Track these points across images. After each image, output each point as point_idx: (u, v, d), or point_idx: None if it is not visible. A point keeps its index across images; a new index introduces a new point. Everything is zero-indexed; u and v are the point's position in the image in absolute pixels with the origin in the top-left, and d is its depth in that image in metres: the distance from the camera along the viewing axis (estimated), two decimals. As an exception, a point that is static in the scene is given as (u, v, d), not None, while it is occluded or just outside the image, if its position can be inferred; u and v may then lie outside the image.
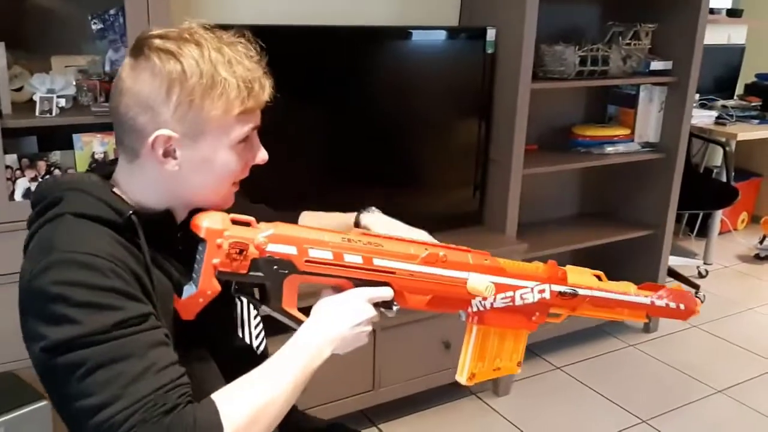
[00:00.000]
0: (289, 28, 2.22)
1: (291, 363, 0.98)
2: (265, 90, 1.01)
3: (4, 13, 1.84)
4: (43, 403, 1.78)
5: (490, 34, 2.50)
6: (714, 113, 3.98)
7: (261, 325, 1.21)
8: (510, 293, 1.16)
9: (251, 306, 1.18)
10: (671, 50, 2.98)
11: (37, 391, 1.81)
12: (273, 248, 1.00)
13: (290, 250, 1.01)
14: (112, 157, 1.94)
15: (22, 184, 1.84)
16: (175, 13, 1.98)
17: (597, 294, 1.25)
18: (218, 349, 1.10)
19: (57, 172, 1.88)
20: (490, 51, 2.53)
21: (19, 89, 1.98)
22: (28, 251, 0.98)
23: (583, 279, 1.26)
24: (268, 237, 1.00)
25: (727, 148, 3.81)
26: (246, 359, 1.03)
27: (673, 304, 1.33)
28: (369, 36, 2.40)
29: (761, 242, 4.26)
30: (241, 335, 1.16)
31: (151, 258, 0.98)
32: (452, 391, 2.64)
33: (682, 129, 3.03)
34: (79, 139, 1.91)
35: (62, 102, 1.90)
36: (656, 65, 2.96)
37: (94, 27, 1.98)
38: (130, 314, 0.90)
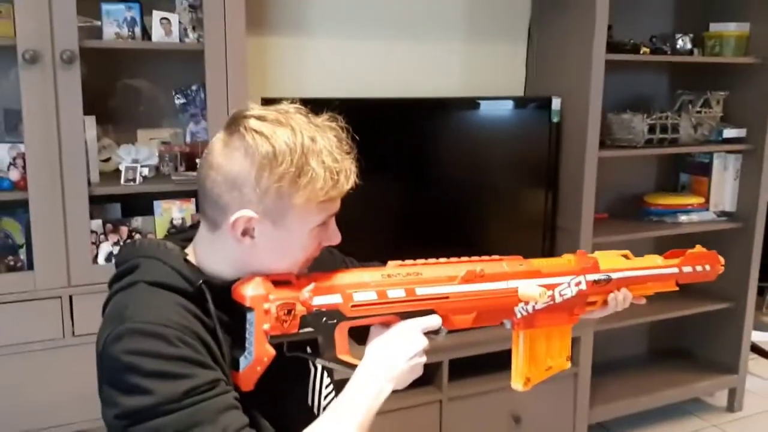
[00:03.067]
0: (358, 101, 2.30)
1: (353, 407, 0.98)
2: (349, 180, 1.01)
3: (95, 90, 1.98)
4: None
5: (556, 103, 2.53)
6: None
7: (331, 386, 1.21)
8: (549, 292, 1.17)
9: (324, 371, 1.19)
10: (744, 117, 2.93)
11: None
12: (319, 301, 1.01)
13: (335, 300, 1.02)
14: (189, 222, 2.03)
15: (105, 248, 1.94)
16: (252, 88, 2.10)
17: (629, 274, 1.28)
18: (285, 409, 1.10)
19: (138, 236, 1.97)
20: (555, 120, 2.55)
21: (107, 160, 2.10)
22: (104, 316, 1.02)
23: (612, 262, 1.29)
24: (312, 291, 1.00)
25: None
26: (312, 418, 1.03)
27: (699, 268, 1.40)
28: (436, 106, 2.46)
29: None
30: (310, 401, 1.17)
31: (221, 325, 0.99)
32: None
33: (760, 197, 2.94)
34: (160, 206, 2.01)
35: (145, 171, 2.01)
36: (729, 133, 2.91)
37: (177, 101, 2.11)
38: (199, 381, 0.92)
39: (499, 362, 2.41)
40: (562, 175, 2.62)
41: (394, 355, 1.03)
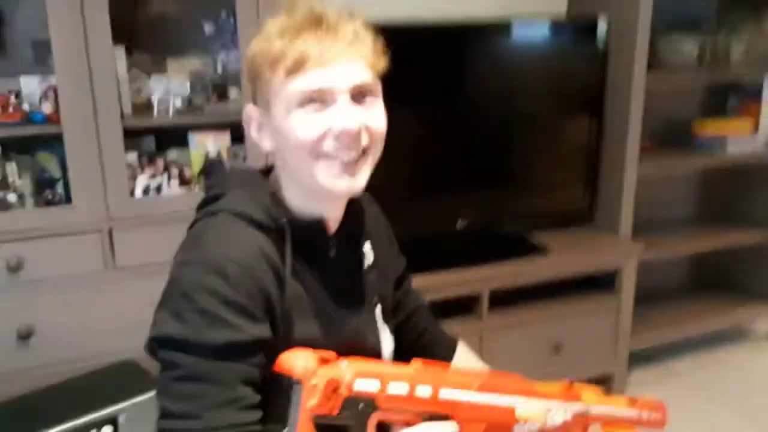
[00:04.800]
0: (385, 26, 2.20)
1: None
2: (298, 45, 0.92)
3: (122, 19, 1.92)
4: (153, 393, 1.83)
5: (602, 25, 2.41)
6: None
7: None
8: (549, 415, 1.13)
9: None
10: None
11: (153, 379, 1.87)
12: (360, 385, 0.94)
13: (374, 387, 0.95)
14: (225, 156, 2.00)
15: (141, 181, 1.93)
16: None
17: (604, 411, 1.20)
18: None
19: (174, 170, 1.95)
20: (601, 44, 2.43)
21: (138, 92, 2.06)
22: (186, 236, 1.01)
23: (590, 396, 1.21)
24: (355, 373, 0.94)
25: None
26: None
27: (654, 415, 1.31)
28: (472, 31, 2.34)
29: None
30: None
31: (292, 268, 0.97)
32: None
33: (813, 123, 2.81)
34: (194, 138, 1.97)
35: (178, 102, 1.97)
36: (784, 54, 2.76)
37: (206, 30, 2.04)
38: (242, 337, 0.89)
39: (538, 293, 2.40)
40: (607, 102, 2.51)
41: None
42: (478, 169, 2.40)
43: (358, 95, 0.96)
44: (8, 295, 1.86)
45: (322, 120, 0.94)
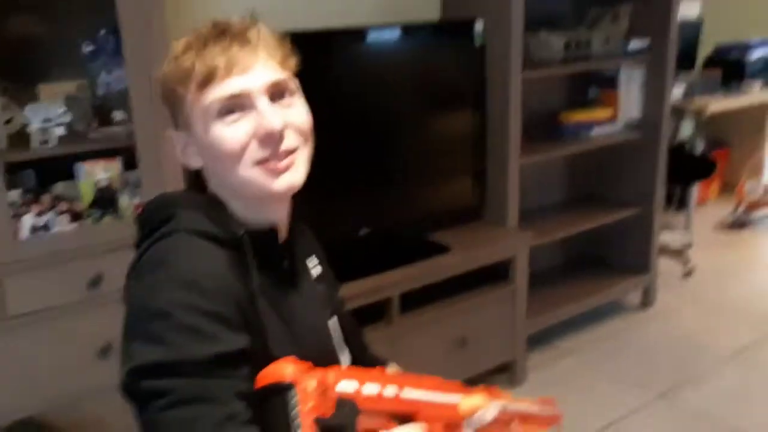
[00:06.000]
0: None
1: None
2: (205, 58, 0.92)
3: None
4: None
5: (479, 25, 2.49)
6: (681, 88, 4.05)
7: None
8: (499, 402, 1.18)
9: None
10: (647, 28, 3.01)
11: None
12: (341, 387, 0.93)
13: (352, 388, 0.94)
14: (117, 185, 1.87)
15: (27, 220, 1.76)
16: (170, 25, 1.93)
17: (522, 408, 1.27)
18: None
19: (62, 204, 1.79)
20: (479, 43, 2.52)
21: (8, 121, 1.88)
22: (138, 266, 0.94)
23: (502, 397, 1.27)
24: (336, 375, 0.93)
25: (700, 121, 3.88)
26: None
27: (553, 410, 1.39)
28: (352, 37, 2.33)
29: (736, 210, 4.36)
30: None
31: (258, 283, 0.94)
32: (469, 386, 2.62)
33: (664, 105, 3.08)
34: (82, 168, 1.83)
35: (60, 131, 1.81)
36: (635, 44, 2.99)
37: (86, 50, 1.90)
38: (227, 348, 0.86)
39: (441, 291, 2.45)
40: (488, 98, 2.60)
41: None
42: (373, 175, 2.40)
43: (276, 94, 0.95)
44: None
45: (243, 127, 0.93)
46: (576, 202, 3.28)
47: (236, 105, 0.93)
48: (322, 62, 2.23)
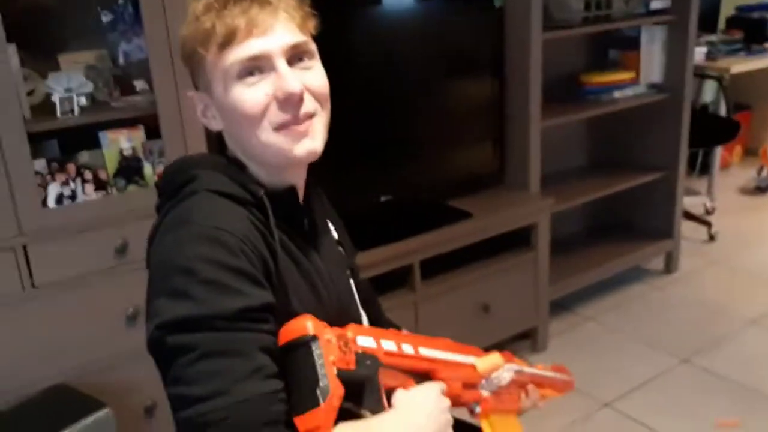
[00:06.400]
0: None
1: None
2: (225, 18, 0.92)
3: (10, 14, 1.73)
4: (104, 411, 1.72)
5: (498, -13, 2.45)
6: (703, 49, 3.97)
7: None
8: (513, 365, 1.22)
9: None
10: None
11: (96, 399, 1.75)
12: (361, 342, 0.94)
13: (372, 343, 0.96)
14: (141, 153, 1.88)
15: (53, 189, 1.77)
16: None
17: (535, 372, 1.31)
18: None
19: (87, 173, 1.80)
20: (498, 4, 2.48)
21: (31, 92, 1.88)
22: (160, 228, 0.95)
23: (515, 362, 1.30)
24: (353, 330, 0.94)
25: (723, 83, 3.82)
26: None
27: (566, 377, 1.42)
28: (370, 3, 2.30)
29: (759, 173, 4.30)
30: None
31: (279, 240, 0.95)
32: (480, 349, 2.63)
33: (687, 66, 3.02)
34: (106, 137, 1.83)
35: (82, 100, 1.82)
36: (656, 4, 2.94)
37: (104, 19, 1.89)
38: (252, 303, 0.86)
39: (463, 257, 2.45)
40: (507, 61, 2.57)
41: (428, 405, 0.98)
42: (392, 142, 2.39)
43: (295, 57, 0.95)
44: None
45: (262, 88, 0.93)
46: (598, 166, 3.25)
47: (256, 67, 0.93)
48: (337, 27, 2.20)
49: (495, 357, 1.19)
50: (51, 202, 1.77)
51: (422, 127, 2.48)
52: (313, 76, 0.97)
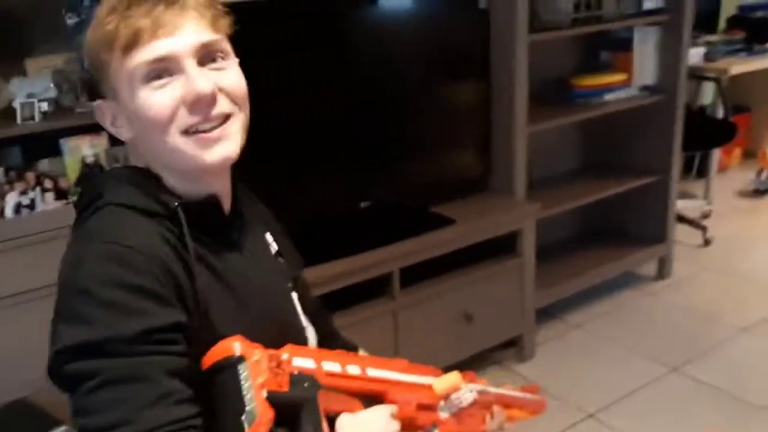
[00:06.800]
0: (255, 4, 2.06)
1: None
2: (129, 20, 0.85)
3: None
4: (62, 429, 1.67)
5: (482, -13, 2.39)
6: (702, 50, 3.90)
7: None
8: (474, 386, 1.16)
9: None
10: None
11: (53, 417, 1.70)
12: (297, 362, 0.88)
13: (310, 363, 0.90)
14: (104, 161, 1.82)
15: (12, 198, 1.72)
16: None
17: (502, 392, 1.24)
18: None
19: (48, 182, 1.75)
20: (482, 5, 2.41)
21: (-6, 98, 1.84)
22: (68, 243, 0.89)
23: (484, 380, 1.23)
24: (289, 350, 0.88)
25: (721, 84, 3.74)
26: None
27: (536, 398, 1.35)
28: (351, 1, 2.25)
29: (758, 176, 4.22)
30: None
31: (196, 254, 0.89)
32: (476, 362, 2.57)
33: (680, 68, 2.95)
34: (67, 144, 1.78)
35: (44, 106, 1.77)
36: (649, 4, 2.87)
37: (69, 21, 1.84)
38: (156, 323, 0.80)
39: (445, 264, 2.39)
40: (493, 64, 2.51)
41: (374, 429, 0.92)
42: (373, 146, 2.33)
43: (206, 57, 0.89)
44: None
45: (170, 91, 0.87)
46: (589, 170, 3.18)
47: (163, 69, 0.87)
48: (319, 28, 2.15)
49: (454, 376, 1.13)
50: (9, 212, 1.72)
51: (405, 131, 2.42)
52: (228, 76, 0.91)
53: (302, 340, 1.05)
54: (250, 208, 1.07)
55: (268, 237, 1.10)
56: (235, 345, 0.84)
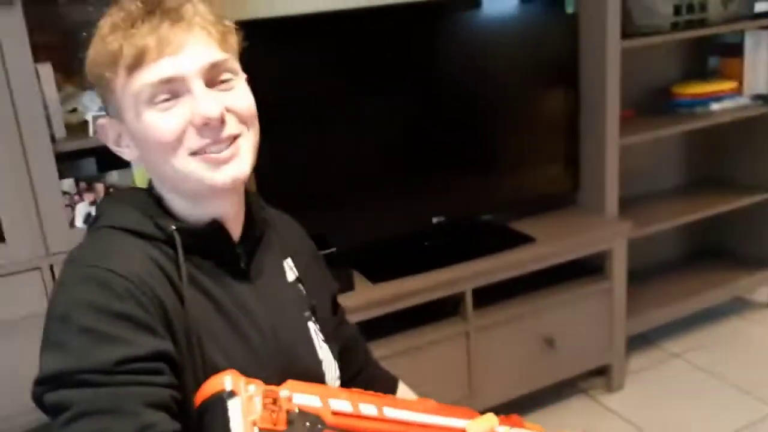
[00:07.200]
0: (340, 15, 2.00)
1: None
2: (134, 38, 0.82)
3: (48, 32, 1.74)
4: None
5: (569, -8, 2.25)
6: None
7: None
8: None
9: None
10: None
11: None
12: (299, 400, 0.82)
13: (315, 402, 0.83)
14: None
15: (82, 209, 1.75)
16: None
17: None
18: None
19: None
20: (570, 10, 2.27)
21: (74, 110, 1.88)
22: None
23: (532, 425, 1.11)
24: (290, 387, 0.83)
25: None
26: None
27: None
28: (433, 10, 2.15)
29: None
30: None
31: (192, 280, 0.85)
32: (559, 391, 2.42)
33: (799, 75, 2.68)
34: (135, 156, 1.80)
35: (115, 118, 1.79)
36: (761, 6, 2.61)
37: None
38: (136, 352, 0.76)
39: (524, 285, 2.26)
40: (582, 72, 2.36)
41: None
42: (449, 157, 2.24)
43: (214, 78, 0.86)
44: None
45: (177, 113, 0.84)
46: (691, 187, 2.94)
47: (169, 90, 0.83)
48: (402, 36, 2.10)
49: (489, 419, 1.02)
50: (79, 222, 1.75)
51: (484, 141, 2.32)
52: (236, 97, 0.87)
53: (316, 373, 0.98)
54: (271, 232, 1.02)
55: (287, 263, 1.03)
56: (226, 379, 0.78)
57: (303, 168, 2.03)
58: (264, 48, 1.92)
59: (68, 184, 1.74)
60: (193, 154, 0.85)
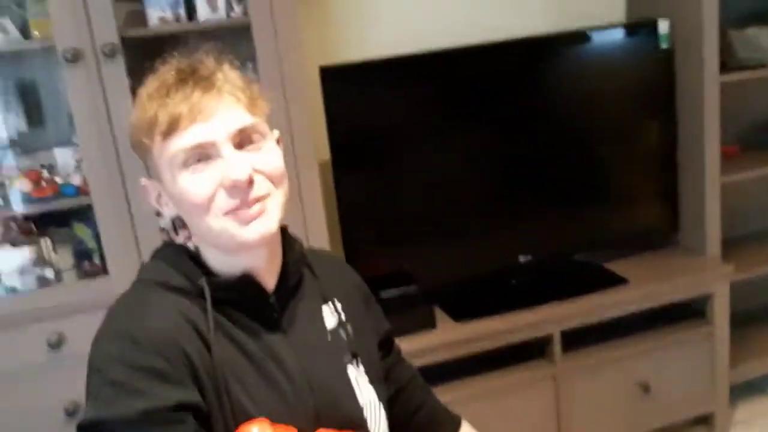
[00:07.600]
0: (435, 55, 2.03)
1: None
2: (168, 106, 0.87)
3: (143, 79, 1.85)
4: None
5: (663, 26, 2.18)
6: None
7: None
8: None
9: None
10: None
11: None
12: None
13: None
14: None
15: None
16: (310, 55, 1.93)
17: None
18: None
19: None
20: (664, 46, 2.21)
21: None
22: None
23: None
24: None
25: None
26: None
27: None
28: (529, 47, 2.16)
29: None
30: None
31: (223, 331, 0.90)
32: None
33: None
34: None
35: None
36: None
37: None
38: (159, 404, 0.81)
39: (618, 328, 2.17)
40: (679, 108, 2.28)
41: None
42: (540, 194, 2.21)
43: (243, 140, 0.90)
44: (52, 373, 1.81)
45: (209, 176, 0.89)
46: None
47: (201, 154, 0.89)
48: (492, 77, 2.12)
49: None
50: None
51: (577, 179, 2.26)
52: (265, 158, 0.91)
53: (356, 418, 0.98)
54: (310, 279, 1.04)
55: (328, 307, 1.05)
56: (253, 429, 0.82)
57: (391, 204, 2.07)
58: (356, 89, 1.99)
59: (165, 220, 1.84)
60: (225, 213, 0.89)
